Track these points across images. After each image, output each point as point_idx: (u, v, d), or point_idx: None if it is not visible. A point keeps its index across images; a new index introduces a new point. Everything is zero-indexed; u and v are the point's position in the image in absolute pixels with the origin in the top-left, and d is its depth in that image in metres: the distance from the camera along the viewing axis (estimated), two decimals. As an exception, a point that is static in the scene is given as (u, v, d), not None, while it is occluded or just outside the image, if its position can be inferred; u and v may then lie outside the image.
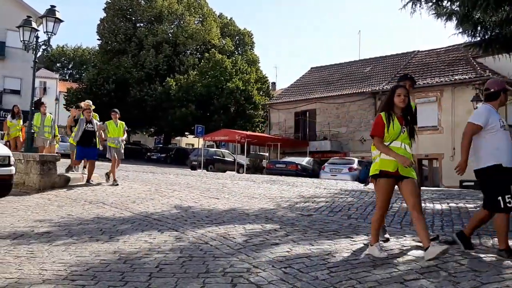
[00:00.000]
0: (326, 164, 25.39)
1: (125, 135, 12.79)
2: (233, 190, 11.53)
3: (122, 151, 12.54)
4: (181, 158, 37.45)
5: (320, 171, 24.35)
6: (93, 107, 12.71)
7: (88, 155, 12.17)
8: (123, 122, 12.60)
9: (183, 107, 37.92)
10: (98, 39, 45.19)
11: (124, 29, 43.18)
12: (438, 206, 8.96)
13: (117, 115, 12.46)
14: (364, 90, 32.41)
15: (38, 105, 15.15)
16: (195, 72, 40.49)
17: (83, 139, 11.98)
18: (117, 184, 11.85)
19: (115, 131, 12.27)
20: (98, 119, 13.14)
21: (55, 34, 14.49)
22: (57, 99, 55.76)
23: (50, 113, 14.97)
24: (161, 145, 44.17)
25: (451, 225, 7.01)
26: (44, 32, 14.55)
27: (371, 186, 6.49)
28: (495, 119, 5.33)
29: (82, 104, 12.82)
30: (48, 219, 7.39)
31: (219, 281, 4.21)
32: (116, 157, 12.19)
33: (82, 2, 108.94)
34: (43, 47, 15.29)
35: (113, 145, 12.24)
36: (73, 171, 13.08)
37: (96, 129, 12.27)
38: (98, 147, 12.45)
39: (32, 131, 14.10)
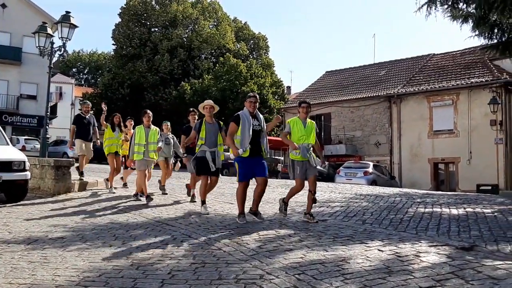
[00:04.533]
0: (341, 168, 25.24)
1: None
2: (248, 195, 11.46)
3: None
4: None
5: (335, 175, 24.21)
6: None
7: None
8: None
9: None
10: (113, 44, 45.54)
11: (139, 34, 43.44)
12: (454, 211, 8.83)
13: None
14: (379, 94, 32.20)
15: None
16: (209, 76, 40.57)
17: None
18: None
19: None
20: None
21: (69, 40, 14.65)
22: (72, 104, 56.30)
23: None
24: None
25: (468, 230, 6.89)
26: (59, 38, 14.70)
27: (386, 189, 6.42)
28: None
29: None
30: (62, 224, 7.42)
31: (231, 288, 4.17)
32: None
33: (97, 8, 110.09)
34: (59, 52, 15.43)
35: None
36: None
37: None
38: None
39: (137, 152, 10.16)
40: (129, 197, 10.69)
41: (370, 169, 23.10)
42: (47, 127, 15.01)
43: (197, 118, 10.49)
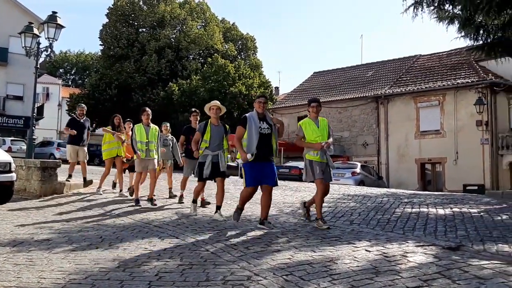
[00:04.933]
0: (329, 168, 25.28)
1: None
2: (236, 196, 11.42)
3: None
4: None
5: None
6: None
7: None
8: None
9: (186, 112, 37.83)
10: (100, 45, 45.19)
11: (126, 34, 43.19)
12: (441, 211, 8.89)
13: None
14: (367, 95, 32.36)
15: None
16: (197, 77, 40.45)
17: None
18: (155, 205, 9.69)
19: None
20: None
21: (56, 40, 14.53)
22: (59, 104, 55.86)
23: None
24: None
25: (455, 230, 6.94)
26: (46, 38, 14.58)
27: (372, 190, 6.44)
28: None
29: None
30: (48, 226, 7.35)
31: (219, 289, 4.16)
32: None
33: (84, 8, 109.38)
34: (45, 53, 15.30)
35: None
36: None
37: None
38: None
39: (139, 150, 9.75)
40: (117, 200, 10.62)
41: (358, 170, 23.18)
42: (33, 128, 14.88)
43: (199, 119, 10.19)
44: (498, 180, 26.36)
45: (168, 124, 11.59)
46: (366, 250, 5.43)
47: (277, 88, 54.76)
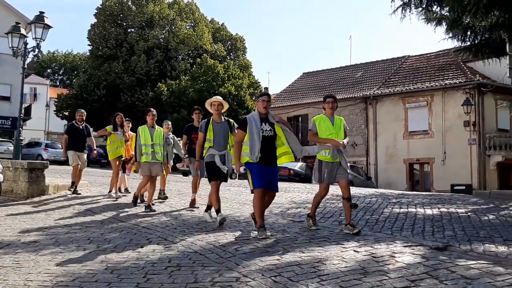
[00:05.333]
0: (318, 169, 25.36)
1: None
2: (225, 197, 11.42)
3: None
4: (172, 164, 37.20)
5: (312, 176, 24.27)
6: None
7: None
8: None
9: (175, 112, 37.74)
10: (88, 45, 44.92)
11: (115, 35, 42.97)
12: (429, 211, 8.93)
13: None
14: (356, 95, 32.50)
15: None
16: (187, 77, 40.34)
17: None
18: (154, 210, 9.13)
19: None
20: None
21: (43, 40, 14.42)
22: (47, 105, 55.45)
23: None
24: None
25: (442, 230, 6.98)
26: (33, 38, 14.47)
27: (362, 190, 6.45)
28: None
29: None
30: (35, 228, 7.29)
31: (207, 291, 4.15)
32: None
33: (73, 8, 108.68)
34: (33, 53, 15.19)
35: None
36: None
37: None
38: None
39: (145, 153, 9.33)
40: (106, 202, 10.56)
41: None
42: (20, 128, 14.75)
43: (201, 117, 9.54)
44: (486, 180, 26.60)
45: (169, 122, 11.10)
46: (355, 251, 5.44)
47: (266, 88, 54.55)
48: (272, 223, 7.63)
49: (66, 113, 43.13)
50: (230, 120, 7.99)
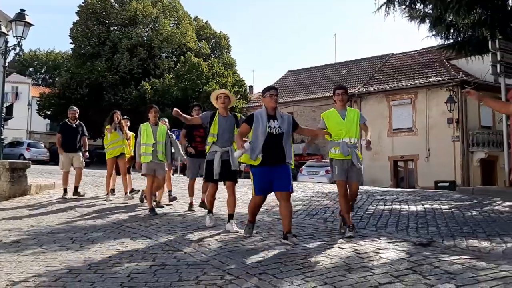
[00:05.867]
0: (303, 167, 25.51)
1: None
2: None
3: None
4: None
5: (298, 173, 24.38)
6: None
7: None
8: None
9: (159, 111, 37.64)
10: (71, 43, 44.59)
11: (97, 33, 42.67)
12: (413, 208, 9.00)
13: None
14: (340, 93, 32.58)
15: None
16: (171, 76, 40.21)
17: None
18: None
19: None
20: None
21: (25, 39, 14.23)
22: (29, 104, 54.86)
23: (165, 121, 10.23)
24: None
25: (426, 226, 7.02)
26: (14, 37, 14.28)
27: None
28: None
29: None
30: (17, 228, 7.19)
31: (192, 289, 4.12)
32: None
33: (55, 6, 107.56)
34: (14, 51, 15.00)
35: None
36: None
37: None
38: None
39: (144, 153, 8.67)
40: (90, 201, 10.47)
41: (332, 168, 23.31)
42: (2, 128, 14.56)
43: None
44: (469, 176, 26.87)
45: (166, 120, 10.34)
46: (339, 247, 5.45)
47: (251, 87, 54.73)
48: (258, 221, 7.60)
49: (49, 112, 42.76)
50: (237, 114, 7.43)
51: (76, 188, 10.92)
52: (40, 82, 70.30)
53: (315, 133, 6.91)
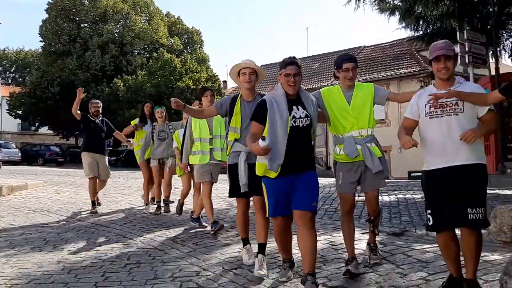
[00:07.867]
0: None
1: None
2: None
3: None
4: (132, 161, 36.68)
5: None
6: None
7: None
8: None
9: (132, 108, 37.16)
10: (40, 41, 43.77)
11: (67, 30, 41.96)
12: (386, 198, 9.11)
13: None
14: (313, 86, 32.72)
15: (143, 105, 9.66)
16: (143, 72, 39.80)
17: None
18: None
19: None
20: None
21: (-8, 37, 13.86)
22: (-1, 104, 53.78)
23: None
24: (110, 148, 43.10)
25: (399, 216, 7.12)
26: (-20, 35, 13.93)
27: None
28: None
29: None
30: (-12, 231, 7.06)
31: (168, 286, 4.12)
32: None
33: (23, 4, 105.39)
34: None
35: None
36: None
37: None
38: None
39: (200, 151, 6.56)
40: (62, 202, 10.32)
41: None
42: None
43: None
44: (441, 166, 27.31)
45: (163, 110, 8.84)
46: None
47: (225, 82, 54.53)
48: (233, 216, 7.61)
49: (20, 112, 41.96)
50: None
51: (94, 202, 8.66)
52: (10, 81, 68.92)
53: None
